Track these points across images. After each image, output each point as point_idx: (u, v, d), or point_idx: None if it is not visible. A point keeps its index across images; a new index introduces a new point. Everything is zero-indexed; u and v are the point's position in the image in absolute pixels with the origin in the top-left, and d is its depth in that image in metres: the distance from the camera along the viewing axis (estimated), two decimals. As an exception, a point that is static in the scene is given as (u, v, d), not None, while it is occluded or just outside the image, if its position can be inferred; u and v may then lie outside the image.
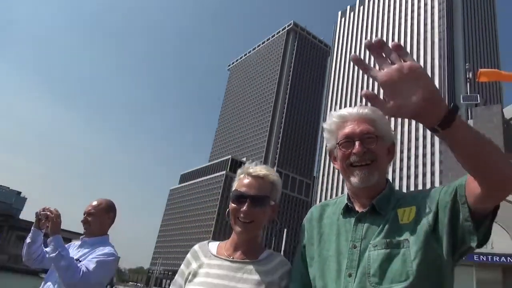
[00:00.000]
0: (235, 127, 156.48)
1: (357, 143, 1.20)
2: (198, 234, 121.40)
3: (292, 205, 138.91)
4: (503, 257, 10.17)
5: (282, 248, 43.45)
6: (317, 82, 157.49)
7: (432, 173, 79.11)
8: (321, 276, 1.19)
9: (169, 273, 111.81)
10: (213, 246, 1.43)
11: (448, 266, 1.08)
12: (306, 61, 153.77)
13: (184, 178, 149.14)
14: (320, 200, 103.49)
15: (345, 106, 1.39)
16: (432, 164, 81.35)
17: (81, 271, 2.14)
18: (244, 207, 1.31)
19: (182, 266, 1.41)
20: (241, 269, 1.32)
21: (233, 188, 1.39)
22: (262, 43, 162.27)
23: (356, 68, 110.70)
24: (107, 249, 2.34)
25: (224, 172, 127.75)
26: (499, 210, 1.01)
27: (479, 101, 13.19)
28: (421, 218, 1.11)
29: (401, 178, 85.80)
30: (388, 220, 1.15)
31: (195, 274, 1.34)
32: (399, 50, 0.84)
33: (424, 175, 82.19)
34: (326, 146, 1.32)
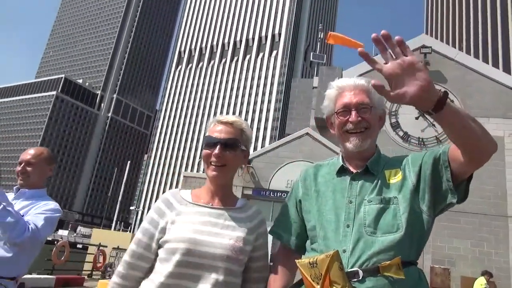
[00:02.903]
0: (72, 42, 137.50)
1: (353, 113, 1.32)
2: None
3: (132, 136, 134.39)
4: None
5: (124, 179, 42.65)
6: (172, 2, 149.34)
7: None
8: (321, 227, 1.31)
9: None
10: (186, 194, 1.43)
11: (429, 220, 1.25)
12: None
13: (1, 93, 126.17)
14: (161, 134, 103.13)
15: (199, 36, 1.34)
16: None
17: (30, 228, 1.94)
18: (216, 151, 1.35)
19: (154, 215, 1.37)
20: (222, 215, 1.35)
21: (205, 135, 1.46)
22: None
23: None
24: (52, 204, 2.15)
25: (54, 92, 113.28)
26: None
27: (325, 61, 15.10)
28: (406, 178, 1.27)
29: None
30: (379, 180, 1.30)
31: (173, 222, 1.32)
32: (402, 44, 0.94)
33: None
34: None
